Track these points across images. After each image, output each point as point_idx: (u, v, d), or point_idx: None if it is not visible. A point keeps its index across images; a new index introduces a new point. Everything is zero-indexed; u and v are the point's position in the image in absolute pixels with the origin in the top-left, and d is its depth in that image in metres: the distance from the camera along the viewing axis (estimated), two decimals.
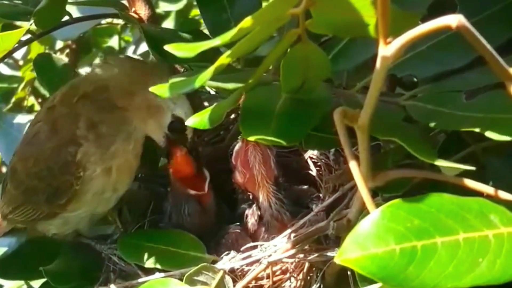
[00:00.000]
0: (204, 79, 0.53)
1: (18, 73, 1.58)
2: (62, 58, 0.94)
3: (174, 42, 0.51)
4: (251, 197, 0.78)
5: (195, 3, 1.56)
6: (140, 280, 0.73)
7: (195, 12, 1.61)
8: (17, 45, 0.83)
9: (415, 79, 0.75)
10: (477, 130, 0.51)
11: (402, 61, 0.65)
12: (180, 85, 0.58)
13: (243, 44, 0.51)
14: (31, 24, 0.79)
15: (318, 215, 0.70)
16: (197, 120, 0.60)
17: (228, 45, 0.52)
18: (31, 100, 1.64)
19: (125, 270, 0.78)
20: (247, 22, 0.47)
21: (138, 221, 0.86)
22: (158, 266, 0.72)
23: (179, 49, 0.50)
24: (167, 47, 0.50)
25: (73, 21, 0.87)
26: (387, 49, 0.43)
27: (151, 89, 0.58)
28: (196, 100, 0.88)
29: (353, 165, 0.49)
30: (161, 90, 0.58)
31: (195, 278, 0.62)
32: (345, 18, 0.49)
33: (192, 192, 0.81)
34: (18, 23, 1.24)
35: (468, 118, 0.54)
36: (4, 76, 1.59)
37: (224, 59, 0.52)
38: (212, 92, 0.95)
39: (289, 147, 0.84)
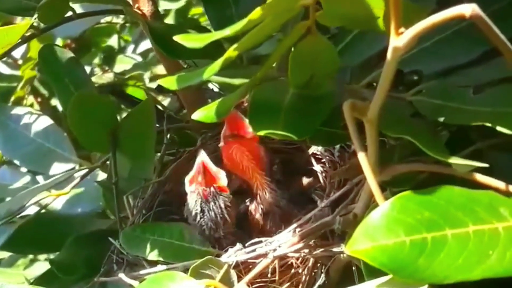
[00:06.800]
0: (213, 71, 0.53)
1: (17, 72, 1.57)
2: (68, 51, 0.91)
3: None
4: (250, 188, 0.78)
5: (194, 2, 1.58)
6: (141, 272, 0.73)
7: (194, 11, 1.61)
8: (20, 40, 0.82)
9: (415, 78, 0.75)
10: (488, 124, 0.50)
11: (407, 56, 0.64)
12: (188, 77, 0.58)
13: (251, 36, 0.51)
14: (35, 19, 0.79)
15: (323, 210, 0.70)
16: (204, 114, 0.60)
17: (233, 41, 0.52)
18: (30, 99, 1.64)
19: (130, 261, 0.77)
20: (257, 12, 0.47)
21: (143, 214, 0.85)
22: (161, 259, 0.72)
23: (188, 40, 0.50)
24: (177, 38, 0.50)
25: (76, 16, 0.86)
26: (399, 40, 0.43)
27: (160, 81, 0.58)
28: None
29: (362, 156, 0.49)
30: (168, 82, 0.58)
31: (201, 271, 0.61)
32: (356, 9, 0.49)
33: None
34: (18, 21, 1.25)
35: (478, 112, 0.53)
36: (3, 76, 1.58)
37: (231, 51, 0.51)
38: (216, 90, 0.95)
39: (292, 143, 0.84)
